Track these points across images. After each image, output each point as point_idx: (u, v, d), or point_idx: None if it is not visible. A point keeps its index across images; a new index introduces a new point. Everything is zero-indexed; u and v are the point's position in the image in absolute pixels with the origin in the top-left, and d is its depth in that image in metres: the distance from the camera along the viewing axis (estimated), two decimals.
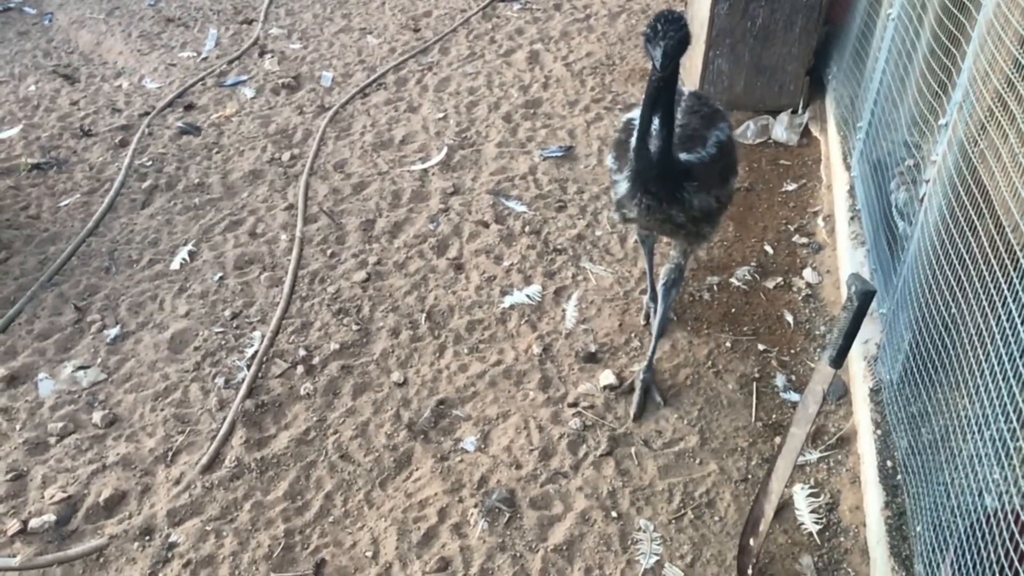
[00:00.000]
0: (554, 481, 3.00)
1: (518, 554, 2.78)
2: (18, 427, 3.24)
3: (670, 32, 2.48)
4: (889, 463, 2.77)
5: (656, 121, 2.64)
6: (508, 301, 3.75)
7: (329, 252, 4.05)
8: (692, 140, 2.96)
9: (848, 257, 3.59)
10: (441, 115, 4.98)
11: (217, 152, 4.76)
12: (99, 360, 3.51)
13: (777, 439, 3.11)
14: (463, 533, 2.85)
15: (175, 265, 3.98)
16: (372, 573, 2.74)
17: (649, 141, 2.70)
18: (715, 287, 3.76)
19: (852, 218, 3.70)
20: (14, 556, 2.80)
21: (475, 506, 2.92)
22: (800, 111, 4.75)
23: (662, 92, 2.59)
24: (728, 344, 3.49)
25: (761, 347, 3.47)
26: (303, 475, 3.05)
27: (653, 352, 3.28)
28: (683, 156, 2.88)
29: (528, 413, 3.24)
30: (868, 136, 3.73)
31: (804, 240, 3.99)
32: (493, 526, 2.86)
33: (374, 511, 2.93)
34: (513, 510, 2.90)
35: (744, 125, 4.71)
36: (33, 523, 2.88)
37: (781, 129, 4.65)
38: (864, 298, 2.32)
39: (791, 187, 4.34)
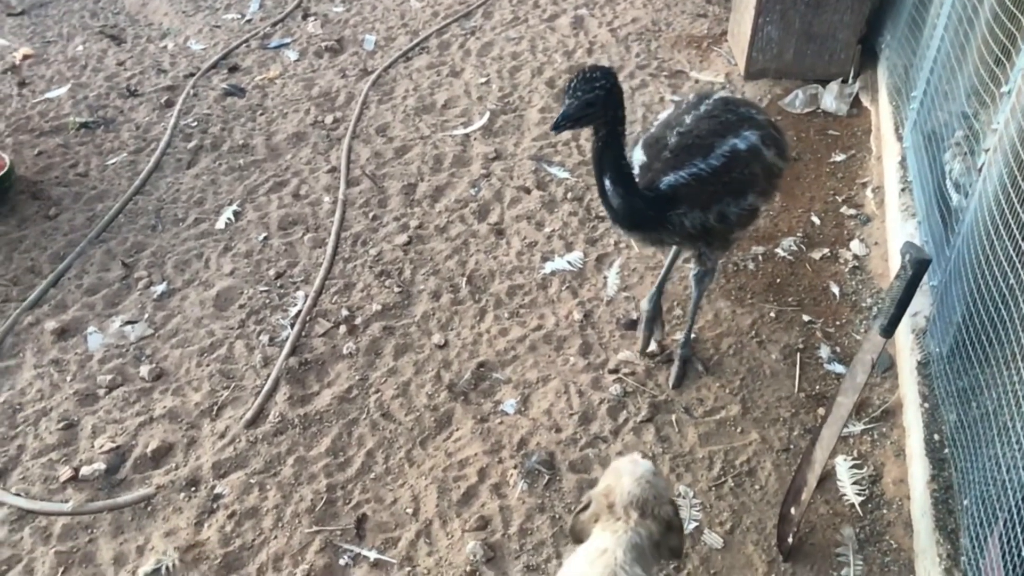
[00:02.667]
0: (594, 445, 3.00)
1: (557, 515, 2.80)
2: (69, 378, 3.31)
3: (579, 92, 2.38)
4: (936, 436, 2.73)
5: (607, 177, 2.56)
6: (549, 267, 3.74)
7: (371, 215, 4.06)
8: (690, 151, 2.73)
9: (898, 229, 3.52)
10: (484, 80, 4.95)
11: (261, 114, 4.78)
12: (146, 315, 3.57)
13: (820, 410, 3.08)
14: (503, 493, 2.87)
15: (220, 224, 4.02)
16: (412, 529, 2.77)
17: (612, 188, 2.58)
18: (760, 257, 3.71)
19: (903, 190, 3.62)
20: (67, 502, 2.88)
21: (515, 467, 2.94)
22: (851, 80, 4.64)
23: (606, 147, 2.50)
24: (772, 314, 3.45)
25: (806, 318, 3.43)
26: (345, 432, 3.09)
27: (689, 331, 3.22)
28: (667, 179, 2.69)
29: (568, 378, 3.24)
30: (923, 106, 3.64)
31: (852, 211, 3.92)
32: (533, 487, 2.88)
33: (415, 469, 2.96)
34: (553, 472, 2.92)
35: (792, 94, 4.62)
36: (84, 471, 2.96)
37: (830, 99, 4.55)
38: (919, 267, 2.27)
39: (839, 158, 4.25)
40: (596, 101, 2.39)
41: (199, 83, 5.06)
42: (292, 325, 3.49)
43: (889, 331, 2.37)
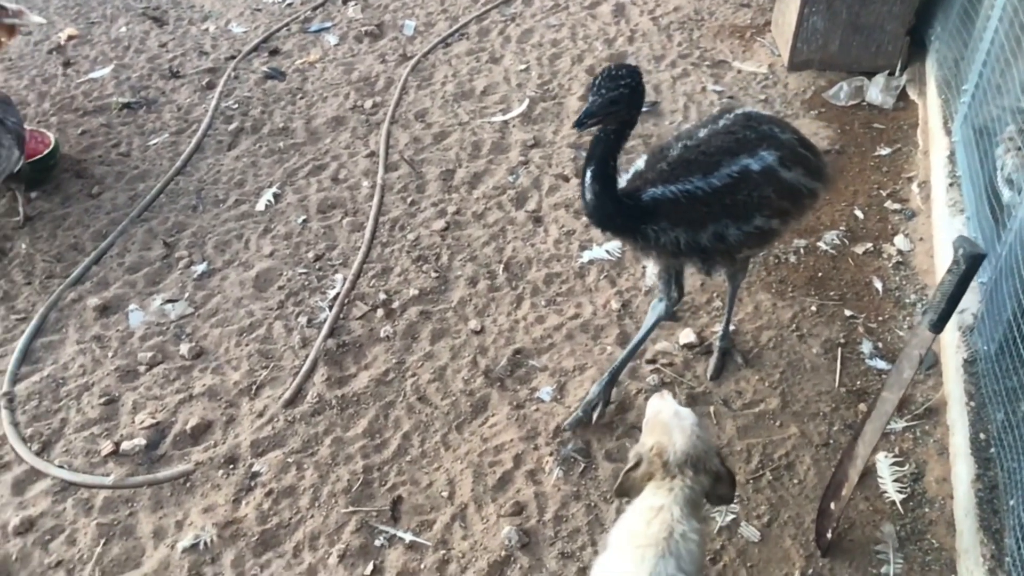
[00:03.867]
0: (630, 435, 2.98)
1: (592, 504, 2.79)
2: (110, 354, 3.36)
3: (604, 89, 2.34)
4: (982, 435, 2.68)
5: (590, 170, 2.48)
6: (587, 256, 3.72)
7: (409, 200, 4.06)
8: (689, 167, 2.61)
9: (944, 225, 3.45)
10: (523, 67, 4.92)
11: (301, 97, 4.80)
12: (186, 294, 3.60)
13: (861, 406, 3.03)
14: (538, 480, 2.87)
15: (260, 206, 4.05)
16: (448, 513, 2.78)
17: (590, 183, 2.51)
18: (802, 250, 3.67)
19: (951, 185, 3.55)
20: (108, 475, 2.92)
21: (550, 454, 2.93)
22: (897, 73, 4.56)
23: (605, 142, 2.44)
24: (813, 308, 3.41)
25: (848, 313, 3.38)
26: (382, 414, 3.10)
27: (727, 323, 3.17)
28: (652, 191, 2.57)
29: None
30: (974, 100, 3.56)
31: (897, 206, 3.85)
32: (568, 475, 2.87)
33: (450, 453, 2.97)
34: (588, 461, 2.90)
35: (837, 86, 4.54)
36: (125, 446, 3.00)
37: (876, 91, 4.47)
38: (972, 261, 2.22)
39: (884, 151, 4.18)
40: (621, 99, 2.35)
41: (240, 66, 5.09)
42: (330, 307, 3.51)
43: (939, 327, 2.32)
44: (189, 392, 3.19)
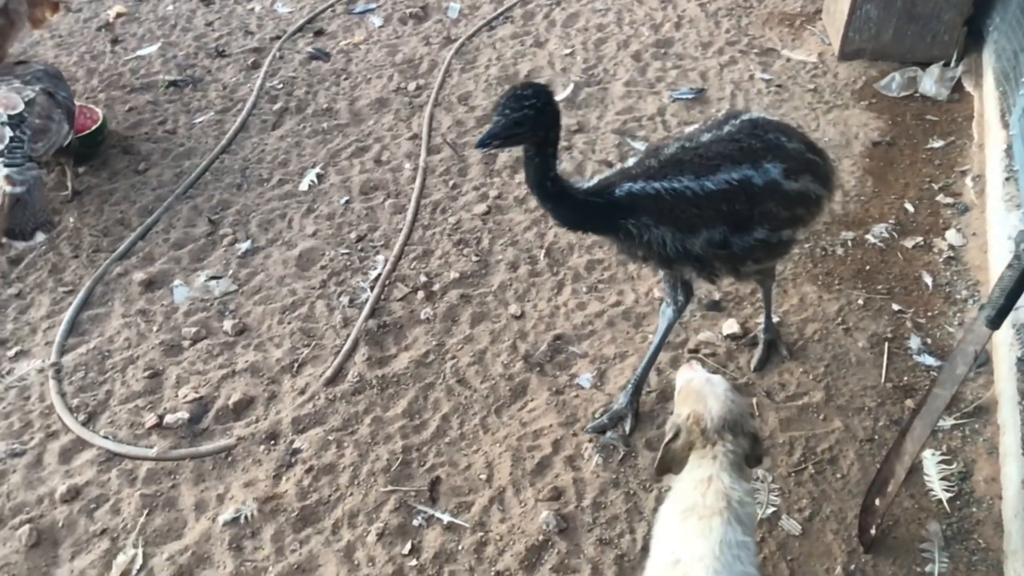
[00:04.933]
0: None
1: (631, 491, 2.77)
2: (155, 329, 3.40)
3: (507, 110, 2.26)
4: None
5: (534, 194, 2.46)
6: None
7: (451, 183, 4.06)
8: (681, 167, 2.52)
9: (999, 220, 3.37)
10: (568, 51, 4.88)
11: (345, 79, 4.80)
12: (230, 272, 3.63)
13: (908, 402, 2.98)
14: (577, 466, 2.85)
15: (303, 186, 4.06)
16: (486, 495, 2.78)
17: (540, 203, 2.50)
18: (849, 243, 3.60)
19: (1007, 179, 3.46)
20: (151, 447, 2.96)
21: (589, 441, 2.91)
22: (953, 63, 4.44)
23: (533, 165, 2.38)
24: (860, 302, 3.35)
25: (895, 307, 3.31)
26: (421, 395, 3.10)
27: (768, 315, 3.11)
28: (628, 185, 2.49)
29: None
30: None
31: (949, 200, 3.76)
32: (607, 462, 2.85)
33: (489, 436, 2.96)
34: (628, 448, 2.89)
35: (889, 77, 4.44)
36: (168, 419, 3.04)
37: (930, 82, 4.36)
38: None
39: (937, 144, 4.08)
40: (525, 121, 2.26)
41: (285, 46, 5.11)
42: (371, 288, 3.52)
43: (996, 323, 2.26)
44: (232, 368, 3.22)
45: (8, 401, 3.15)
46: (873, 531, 2.57)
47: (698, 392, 2.19)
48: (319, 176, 4.12)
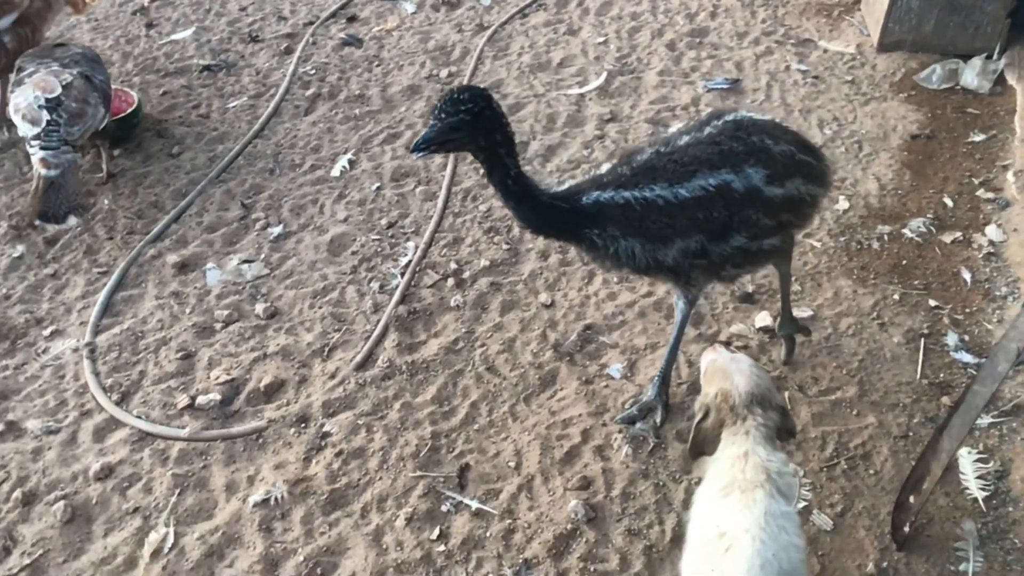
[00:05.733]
0: None
1: (661, 483, 2.75)
2: (188, 311, 3.43)
3: (443, 114, 2.20)
4: None
5: (499, 198, 2.41)
6: None
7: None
8: (654, 174, 2.41)
9: None
10: (601, 39, 4.84)
11: (377, 65, 4.80)
12: (262, 256, 3.65)
13: (944, 399, 2.93)
14: (606, 456, 2.84)
15: (335, 172, 4.07)
16: (514, 483, 2.78)
17: (505, 205, 2.44)
18: (885, 237, 3.54)
19: None
20: (183, 428, 2.99)
21: (619, 431, 2.90)
22: (995, 56, 4.35)
23: (490, 172, 2.34)
24: (896, 297, 3.30)
25: (932, 303, 3.26)
26: (451, 382, 3.11)
27: (785, 308, 2.98)
28: (596, 194, 2.42)
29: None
30: None
31: (990, 195, 3.69)
32: (637, 453, 2.84)
33: (518, 424, 2.96)
34: (659, 440, 2.87)
35: (929, 69, 4.37)
36: (200, 400, 3.07)
37: (972, 75, 4.28)
38: None
39: (978, 138, 4.01)
40: (461, 126, 2.20)
41: (318, 32, 5.12)
42: (402, 274, 3.52)
43: None
44: (263, 351, 3.24)
45: (44, 379, 3.19)
46: (907, 528, 2.54)
47: (723, 370, 2.23)
48: (351, 162, 4.13)
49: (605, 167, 2.58)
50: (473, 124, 2.21)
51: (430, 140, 2.23)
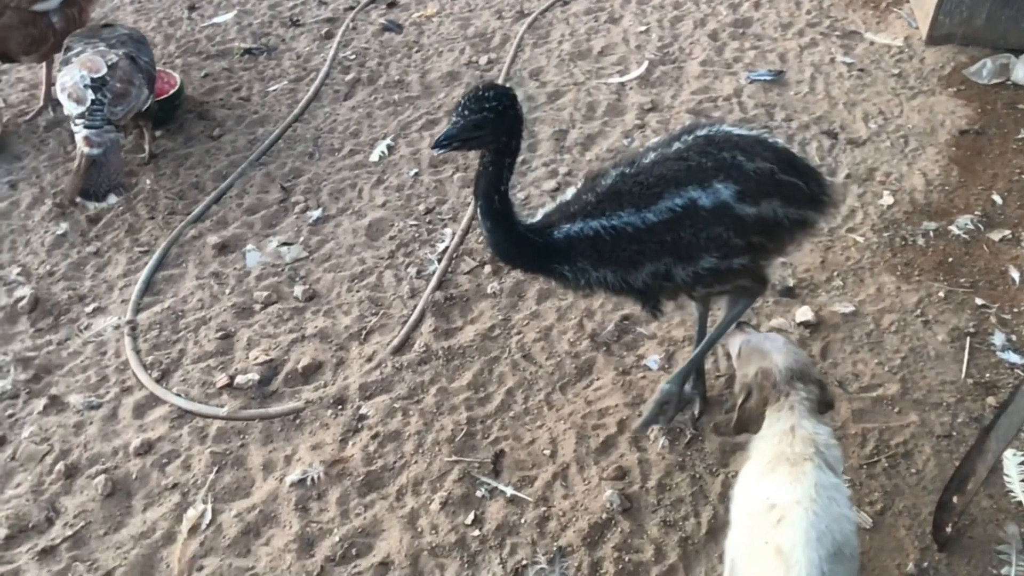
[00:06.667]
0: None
1: (697, 475, 2.73)
2: (227, 291, 3.46)
3: (467, 111, 2.14)
4: None
5: (479, 208, 2.31)
6: None
7: (520, 159, 4.02)
8: (620, 200, 2.33)
9: None
10: (643, 28, 4.80)
11: (417, 51, 4.80)
12: (301, 238, 3.67)
13: (990, 399, 2.88)
14: (642, 447, 2.83)
15: (374, 157, 4.08)
16: (549, 471, 2.77)
17: (481, 221, 2.34)
18: (931, 233, 3.48)
19: None
20: (222, 406, 3.02)
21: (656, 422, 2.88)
22: None
23: (485, 174, 2.26)
24: (941, 294, 3.24)
25: (979, 301, 3.20)
26: (486, 369, 3.10)
27: (690, 365, 2.75)
28: (567, 227, 2.33)
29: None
30: None
31: None
32: (674, 444, 2.82)
33: (553, 412, 2.95)
34: (696, 432, 2.85)
35: (980, 63, 4.27)
36: (239, 380, 3.09)
37: (1023, 70, 4.19)
38: None
39: None
40: (484, 124, 2.15)
41: (358, 17, 5.12)
42: (439, 260, 3.52)
43: None
44: (301, 333, 3.26)
45: (86, 355, 3.24)
46: (949, 529, 2.50)
47: (760, 349, 2.27)
48: (389, 148, 4.13)
49: (570, 192, 2.48)
50: (496, 123, 2.17)
51: (452, 137, 2.18)
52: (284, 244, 3.64)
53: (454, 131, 2.17)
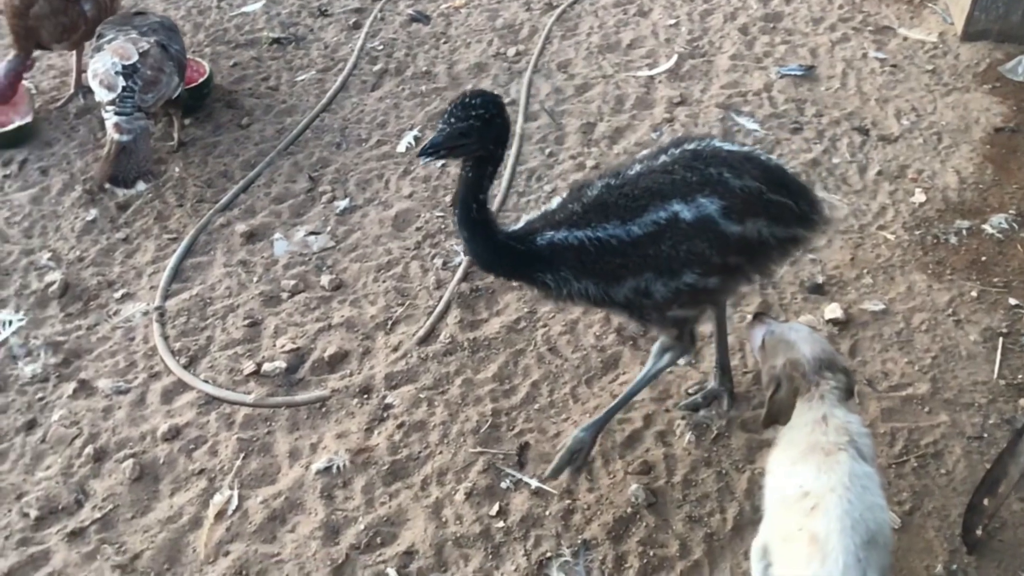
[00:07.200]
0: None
1: (723, 471, 2.72)
2: (255, 279, 3.48)
3: (453, 119, 2.11)
4: None
5: (456, 214, 2.28)
6: None
7: (548, 151, 4.02)
8: (606, 211, 2.31)
9: None
10: (673, 22, 4.76)
11: (445, 42, 4.79)
12: (328, 228, 3.68)
13: (1022, 401, 2.84)
14: (668, 442, 2.81)
15: (401, 148, 4.08)
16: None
17: (458, 228, 2.31)
18: (964, 232, 3.44)
19: None
20: (249, 393, 3.04)
21: (682, 418, 2.87)
22: None
23: (465, 181, 2.23)
24: (973, 294, 3.20)
25: (1013, 302, 3.15)
26: (512, 361, 3.10)
27: (609, 413, 2.68)
28: (551, 234, 2.31)
29: (744, 336, 3.12)
30: None
31: None
32: (700, 440, 2.80)
33: (579, 406, 2.95)
34: (722, 428, 2.83)
35: (1015, 60, 4.21)
36: (266, 367, 3.11)
37: None
38: None
39: None
40: (471, 132, 2.12)
41: (386, 7, 5.12)
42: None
43: None
44: (328, 322, 3.27)
45: (114, 341, 3.27)
46: (979, 532, 2.47)
47: (785, 340, 2.27)
48: (416, 139, 4.13)
49: (555, 201, 2.45)
50: (483, 131, 2.14)
51: (439, 145, 2.14)
52: (311, 233, 3.65)
53: (440, 139, 2.14)
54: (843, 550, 1.85)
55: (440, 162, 3.96)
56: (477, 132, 2.13)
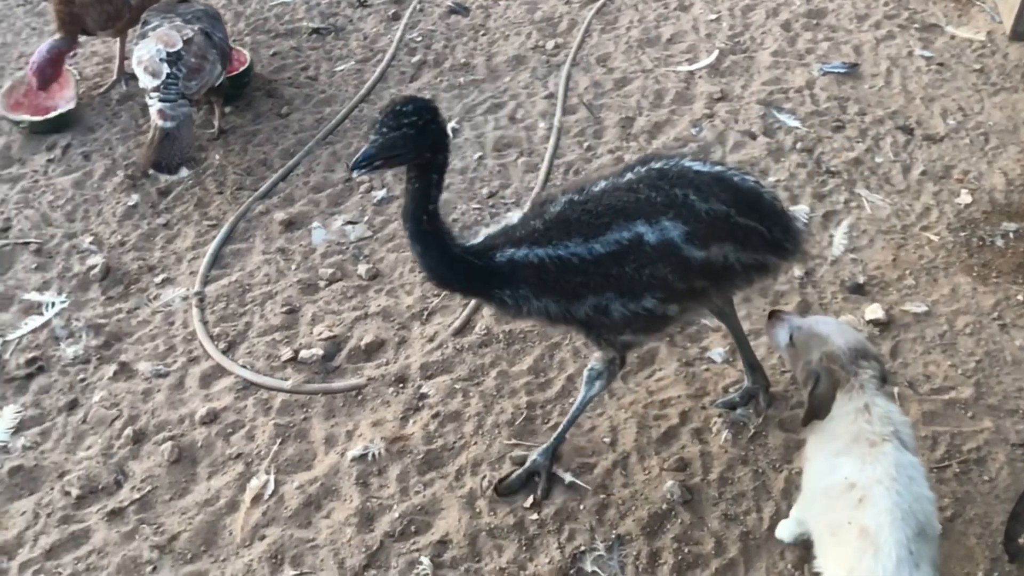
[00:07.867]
0: None
1: (760, 470, 2.69)
2: (293, 267, 3.50)
3: (384, 128, 2.05)
4: None
5: (406, 229, 2.23)
6: None
7: (586, 145, 4.00)
8: (568, 228, 2.26)
9: None
10: (714, 17, 4.72)
11: (483, 34, 4.79)
12: (366, 218, 3.70)
13: None
14: (704, 439, 2.79)
15: None
16: (609, 459, 2.76)
17: (410, 243, 2.27)
18: (1011, 234, 3.37)
19: None
20: (286, 380, 3.06)
21: (719, 415, 2.84)
22: None
23: (411, 194, 2.18)
24: (1020, 298, 3.14)
25: None
26: (547, 354, 3.09)
27: (556, 438, 2.69)
28: (511, 252, 2.27)
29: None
30: None
31: None
32: (737, 438, 2.78)
33: (614, 401, 2.93)
34: (760, 427, 2.80)
35: None
36: (303, 354, 3.13)
37: None
38: None
39: None
40: (405, 140, 2.06)
41: None
42: None
43: None
44: (365, 311, 3.29)
45: (154, 325, 3.31)
46: (1022, 540, 2.42)
47: (817, 334, 2.26)
48: (454, 130, 4.13)
49: (516, 217, 2.41)
50: (416, 139, 2.08)
51: (372, 156, 2.08)
52: (349, 223, 3.67)
53: (372, 150, 2.08)
54: (895, 543, 1.84)
55: (478, 155, 3.96)
56: (412, 140, 2.08)
